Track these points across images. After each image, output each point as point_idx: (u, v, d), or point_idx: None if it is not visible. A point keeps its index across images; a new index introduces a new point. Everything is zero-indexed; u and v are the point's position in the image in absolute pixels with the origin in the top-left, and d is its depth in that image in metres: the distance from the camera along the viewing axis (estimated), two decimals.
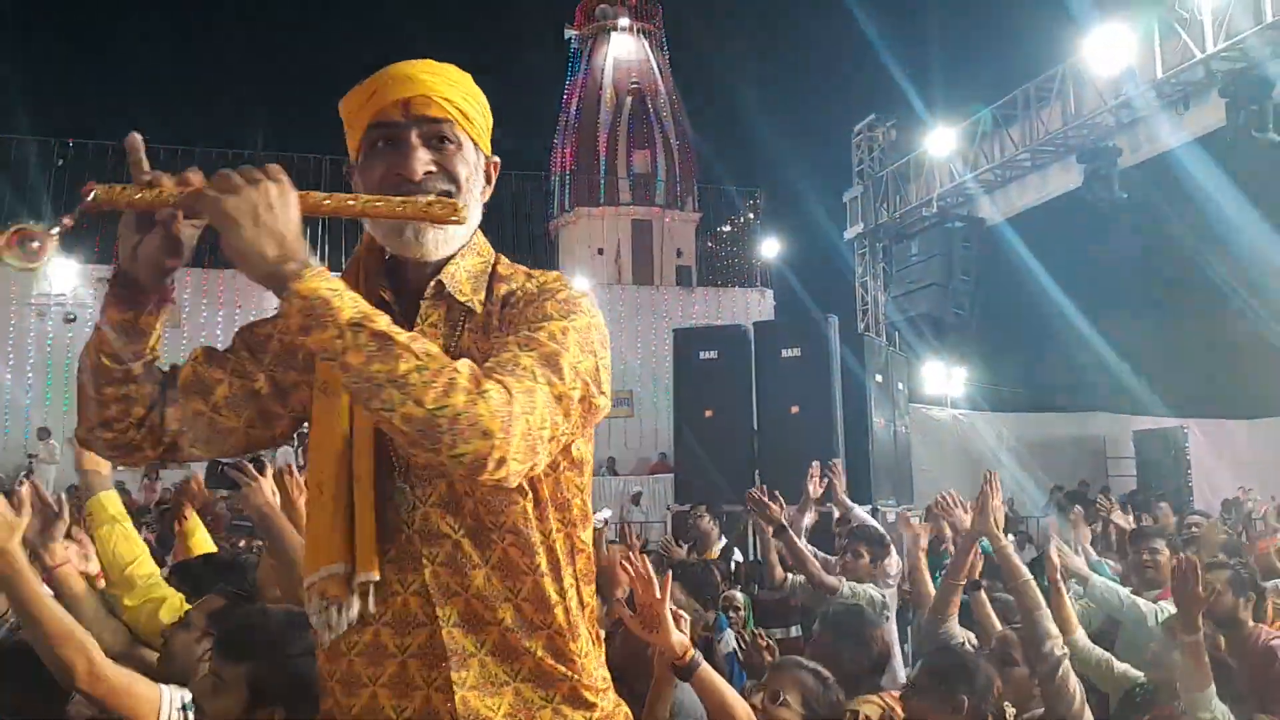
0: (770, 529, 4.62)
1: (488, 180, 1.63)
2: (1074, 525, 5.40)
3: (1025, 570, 3.24)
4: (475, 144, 1.58)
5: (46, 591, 2.39)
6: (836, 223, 18.20)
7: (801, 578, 4.55)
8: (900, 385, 10.01)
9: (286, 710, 2.06)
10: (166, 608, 2.84)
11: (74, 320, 16.97)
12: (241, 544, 6.17)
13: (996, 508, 3.47)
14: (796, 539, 4.53)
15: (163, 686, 2.32)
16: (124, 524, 2.99)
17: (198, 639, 2.50)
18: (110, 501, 2.99)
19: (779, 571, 4.71)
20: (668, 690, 2.48)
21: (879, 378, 9.05)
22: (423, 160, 1.52)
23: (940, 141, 15.23)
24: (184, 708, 2.29)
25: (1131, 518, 6.37)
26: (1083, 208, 13.11)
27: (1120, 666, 3.35)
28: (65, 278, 17.17)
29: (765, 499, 4.64)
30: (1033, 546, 8.47)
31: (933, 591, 4.02)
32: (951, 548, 5.27)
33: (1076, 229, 14.89)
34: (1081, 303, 15.03)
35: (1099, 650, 3.38)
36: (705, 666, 2.27)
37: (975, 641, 3.58)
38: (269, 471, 2.68)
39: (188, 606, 2.74)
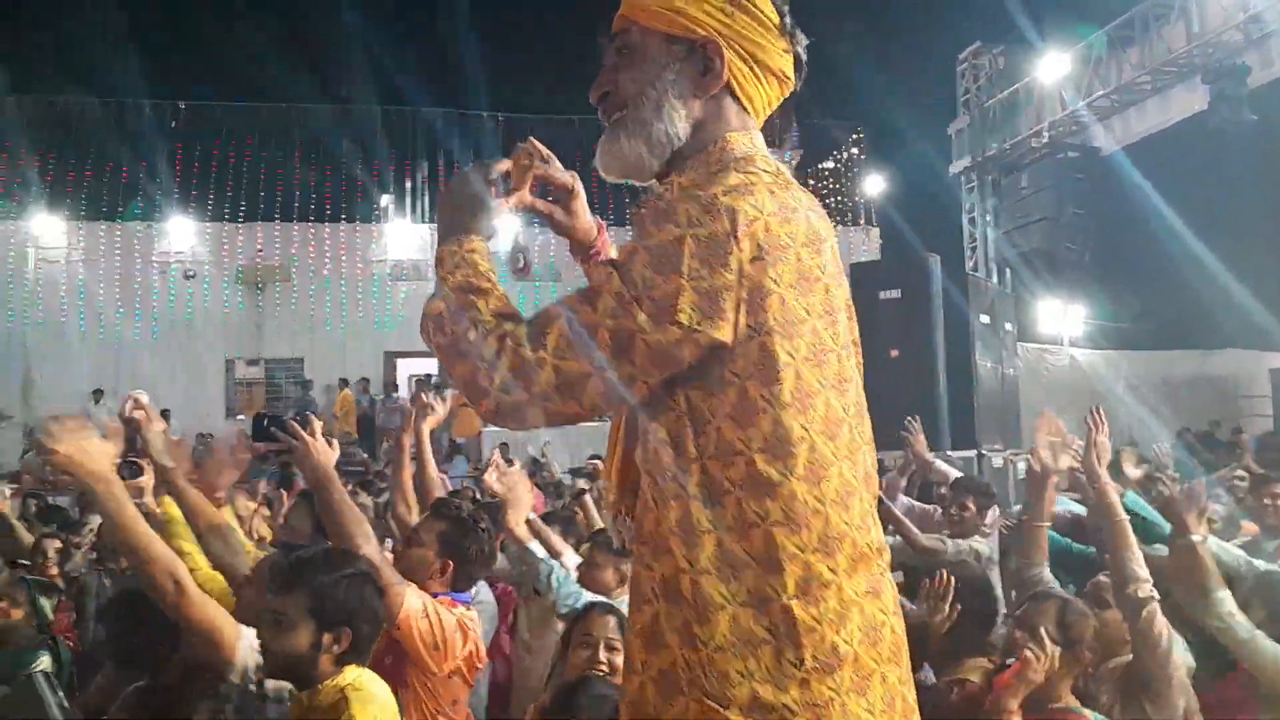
0: None
1: (708, 67, 1.50)
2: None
3: (1121, 510, 3.11)
4: (669, 36, 1.51)
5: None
6: (942, 156, 17.55)
7: (898, 538, 4.41)
8: (1008, 325, 9.64)
9: (353, 630, 2.13)
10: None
11: (193, 276, 17.68)
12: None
13: (1102, 444, 3.29)
14: (894, 510, 4.39)
15: (243, 627, 2.40)
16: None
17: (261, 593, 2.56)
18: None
19: None
20: None
21: (985, 318, 8.73)
22: (598, 87, 1.57)
23: (1051, 67, 14.47)
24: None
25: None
26: (1208, 132, 12.29)
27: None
28: (184, 236, 17.88)
29: None
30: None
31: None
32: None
33: (1201, 155, 13.96)
34: (1208, 233, 14.11)
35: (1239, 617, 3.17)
36: None
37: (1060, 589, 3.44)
38: (318, 428, 2.64)
39: None
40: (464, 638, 2.60)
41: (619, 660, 2.67)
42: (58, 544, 4.63)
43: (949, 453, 6.83)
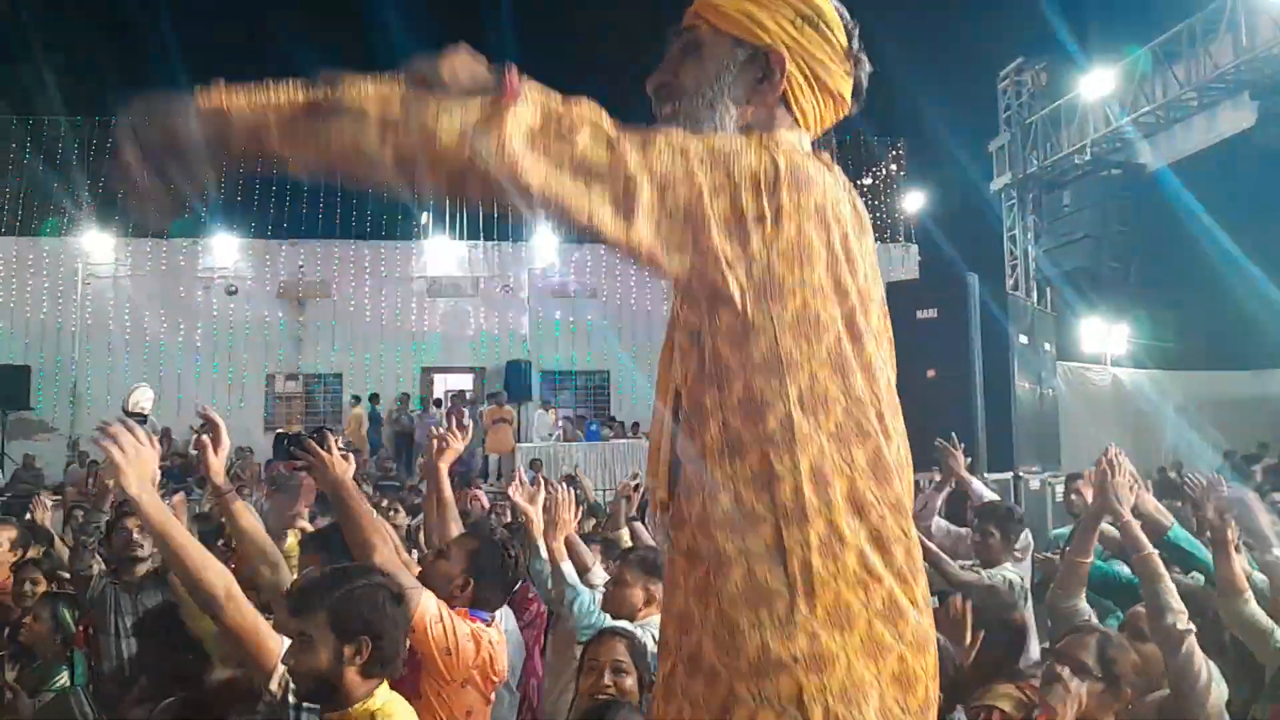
0: None
1: (766, 76, 1.51)
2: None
3: (1148, 544, 3.07)
4: (735, 39, 1.52)
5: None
6: (983, 173, 17.39)
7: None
8: (1047, 345, 9.50)
9: (372, 638, 2.15)
10: None
11: (235, 293, 17.95)
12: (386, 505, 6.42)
13: (1119, 484, 3.24)
14: (929, 543, 4.33)
15: (283, 637, 2.43)
16: None
17: None
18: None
19: None
20: None
21: (1024, 338, 8.60)
22: (658, 75, 1.57)
23: (1095, 84, 14.31)
24: None
25: None
26: (1257, 149, 12.09)
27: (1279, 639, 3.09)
28: (227, 252, 18.19)
29: None
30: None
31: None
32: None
33: (1249, 172, 13.70)
34: (1256, 252, 13.85)
35: (1264, 619, 3.12)
36: None
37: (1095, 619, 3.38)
38: (334, 444, 2.71)
39: None
40: (476, 647, 2.62)
41: (627, 682, 2.67)
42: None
43: (986, 474, 6.71)
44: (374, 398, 17.11)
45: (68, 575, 4.80)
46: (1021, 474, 7.58)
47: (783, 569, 1.34)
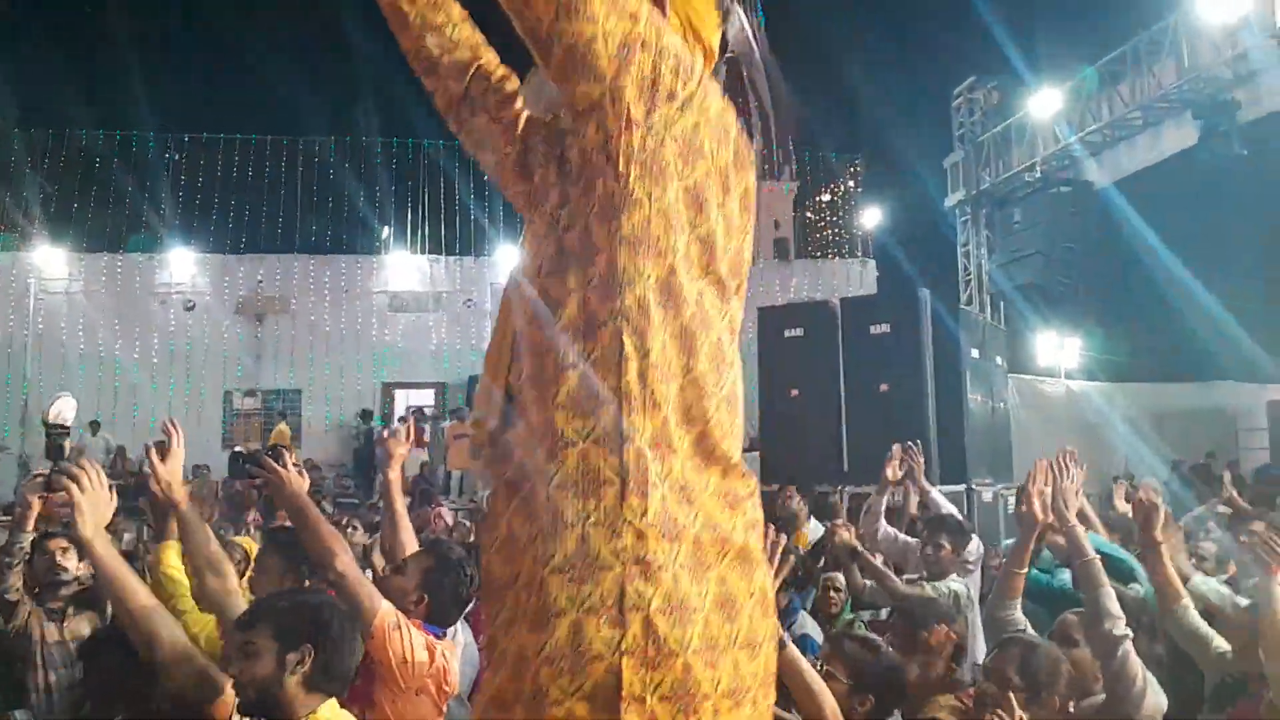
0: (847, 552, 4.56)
1: None
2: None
3: (1090, 550, 3.13)
4: None
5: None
6: (938, 189, 17.66)
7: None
8: (999, 359, 9.67)
9: (315, 647, 2.16)
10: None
11: (192, 308, 17.74)
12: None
13: (1065, 489, 3.32)
14: (872, 558, 4.42)
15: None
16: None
17: None
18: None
19: (857, 580, 4.60)
20: None
21: (976, 352, 8.76)
22: None
23: (1044, 102, 14.59)
24: None
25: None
26: (1200, 167, 12.39)
27: (1220, 646, 3.19)
28: (184, 267, 17.98)
29: (838, 526, 4.60)
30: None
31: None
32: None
33: (1192, 189, 14.05)
34: (1202, 267, 14.21)
35: (1204, 625, 3.22)
36: (791, 647, 2.36)
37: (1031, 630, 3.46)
38: (289, 460, 2.78)
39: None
40: (430, 657, 2.66)
41: None
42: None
43: (939, 486, 6.83)
44: (365, 414, 16.94)
45: None
46: (974, 486, 7.72)
47: (618, 457, 1.28)
